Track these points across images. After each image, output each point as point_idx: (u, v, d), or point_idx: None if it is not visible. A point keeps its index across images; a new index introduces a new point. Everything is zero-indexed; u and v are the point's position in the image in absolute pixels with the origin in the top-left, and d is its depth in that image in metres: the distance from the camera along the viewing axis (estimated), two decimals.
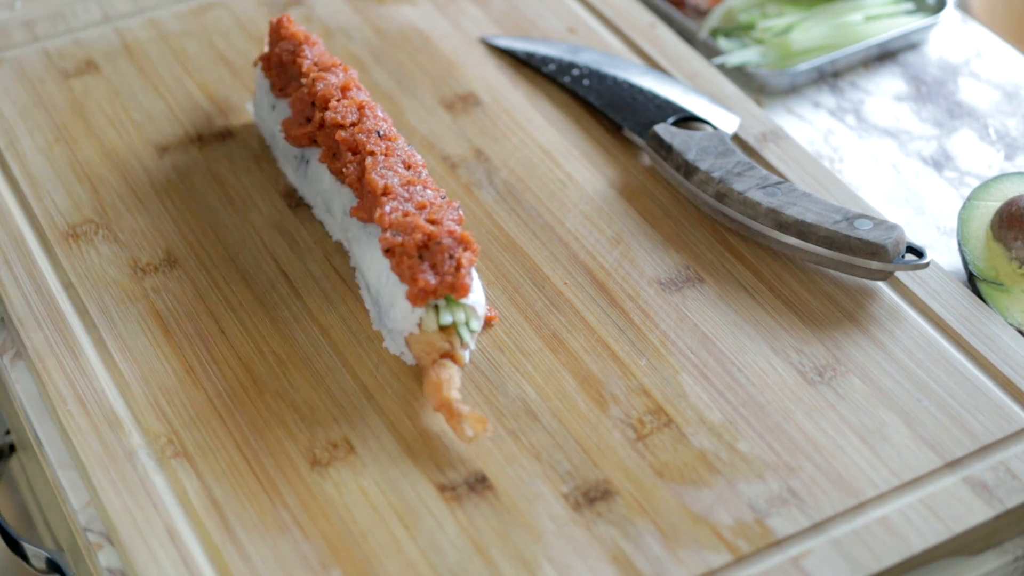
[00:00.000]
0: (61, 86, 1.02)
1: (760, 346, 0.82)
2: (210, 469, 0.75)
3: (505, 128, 0.98)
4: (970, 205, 0.93)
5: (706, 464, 0.75)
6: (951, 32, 1.14)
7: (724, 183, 0.88)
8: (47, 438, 0.80)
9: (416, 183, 0.81)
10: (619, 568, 0.70)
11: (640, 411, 0.78)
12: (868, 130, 1.05)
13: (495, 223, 0.91)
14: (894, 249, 0.84)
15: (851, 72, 1.10)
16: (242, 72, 1.03)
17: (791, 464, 0.75)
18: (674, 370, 0.81)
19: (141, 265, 0.87)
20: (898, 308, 0.85)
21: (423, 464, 0.75)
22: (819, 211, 0.86)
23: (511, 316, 0.84)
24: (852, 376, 0.80)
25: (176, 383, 0.79)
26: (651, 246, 0.89)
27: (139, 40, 1.06)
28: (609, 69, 1.02)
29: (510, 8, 1.11)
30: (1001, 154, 1.03)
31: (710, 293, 0.86)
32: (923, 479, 0.75)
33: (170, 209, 0.91)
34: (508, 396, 0.79)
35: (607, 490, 0.74)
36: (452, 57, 1.05)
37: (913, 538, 0.72)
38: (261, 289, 0.85)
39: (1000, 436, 0.77)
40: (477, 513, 0.73)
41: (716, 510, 0.73)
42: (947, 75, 1.10)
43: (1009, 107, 1.07)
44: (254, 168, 0.95)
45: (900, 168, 1.01)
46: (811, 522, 0.72)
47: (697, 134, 0.93)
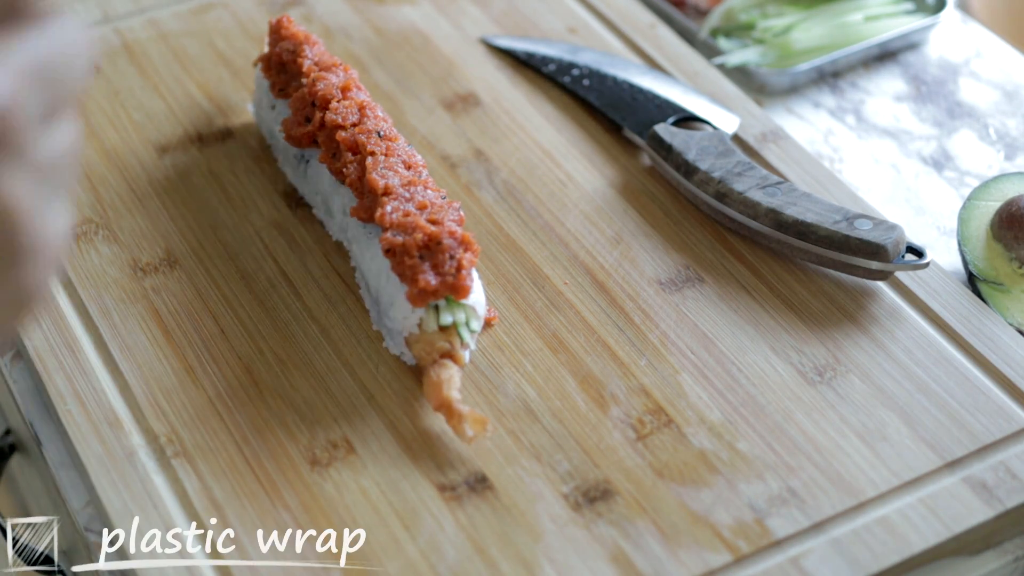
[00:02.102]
0: None
1: (760, 346, 0.82)
2: (210, 469, 0.75)
3: (505, 128, 0.98)
4: (970, 205, 0.93)
5: (706, 464, 0.75)
6: (951, 32, 1.14)
7: (724, 183, 0.88)
8: (47, 438, 0.80)
9: (416, 183, 0.81)
10: (619, 568, 0.70)
11: (640, 411, 0.78)
12: (868, 130, 1.05)
13: (495, 223, 0.91)
14: (894, 249, 0.84)
15: (851, 72, 1.10)
16: (242, 72, 1.03)
17: (791, 464, 0.75)
18: (674, 370, 0.81)
19: (141, 265, 0.87)
20: (898, 308, 0.85)
21: (423, 464, 0.75)
22: (819, 211, 0.86)
23: (511, 316, 0.84)
24: (852, 376, 0.80)
25: (176, 383, 0.79)
26: (651, 246, 0.89)
27: (139, 40, 1.06)
28: (609, 69, 1.02)
29: (510, 8, 1.11)
30: (1001, 154, 1.03)
31: (710, 293, 0.86)
32: (923, 479, 0.75)
33: (170, 209, 0.91)
34: (508, 396, 0.79)
35: (607, 490, 0.74)
36: (452, 57, 1.05)
37: (913, 538, 0.72)
38: (261, 289, 0.85)
39: (1000, 436, 0.77)
40: (477, 513, 0.73)
41: (716, 510, 0.73)
42: (947, 75, 1.10)
43: (1009, 107, 1.07)
44: (254, 168, 0.95)
45: (900, 168, 1.01)
46: (811, 522, 0.72)
47: (697, 134, 0.93)
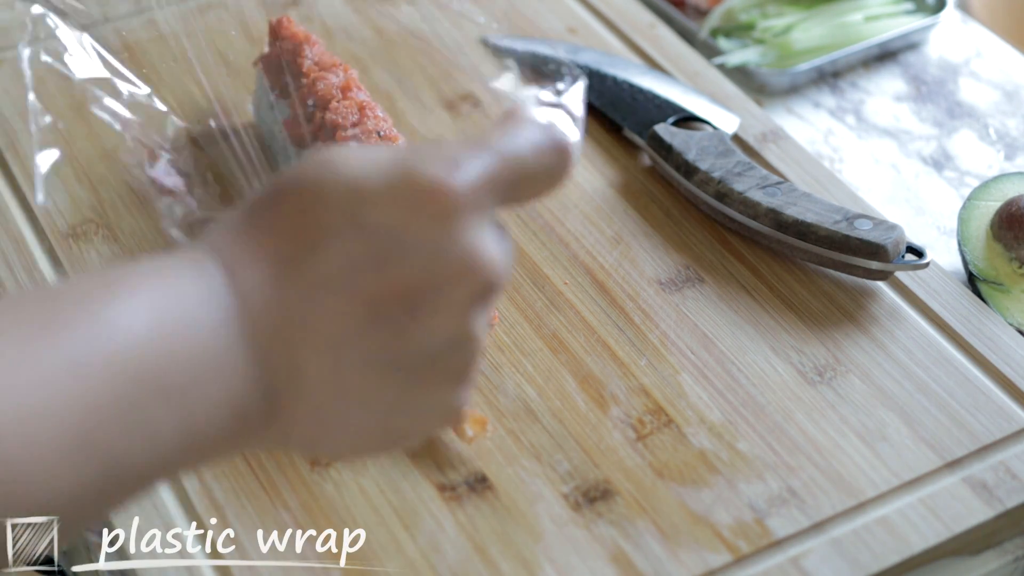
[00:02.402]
0: (61, 86, 1.02)
1: (760, 346, 0.82)
2: (210, 469, 0.75)
3: None
4: (970, 205, 0.93)
5: (706, 464, 0.75)
6: (951, 32, 1.14)
7: (724, 183, 0.88)
8: None
9: None
10: (619, 568, 0.70)
11: (640, 411, 0.78)
12: (868, 130, 1.05)
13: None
14: (894, 249, 0.84)
15: (851, 72, 1.10)
16: (242, 72, 1.03)
17: (791, 464, 0.75)
18: (674, 370, 0.81)
19: None
20: (898, 308, 0.85)
21: (423, 464, 0.75)
22: (819, 211, 0.86)
23: (511, 316, 0.84)
24: (852, 376, 0.80)
25: None
26: (651, 246, 0.89)
27: (139, 40, 1.06)
28: (609, 69, 1.02)
29: (510, 8, 1.11)
30: (1001, 154, 1.03)
31: (710, 293, 0.86)
32: (923, 479, 0.75)
33: None
34: (508, 396, 0.79)
35: (607, 490, 0.74)
36: (452, 57, 1.05)
37: (913, 538, 0.72)
38: None
39: (1000, 436, 0.77)
40: (477, 513, 0.73)
41: (716, 510, 0.73)
42: (947, 75, 1.10)
43: (1009, 107, 1.07)
44: (254, 168, 0.95)
45: (900, 168, 1.01)
46: (811, 522, 0.72)
47: (697, 134, 0.93)
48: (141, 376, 0.50)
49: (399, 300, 0.53)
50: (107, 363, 0.50)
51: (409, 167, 0.53)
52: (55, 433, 0.48)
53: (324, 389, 0.54)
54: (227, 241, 0.54)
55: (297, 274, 0.53)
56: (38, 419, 0.48)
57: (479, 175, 0.54)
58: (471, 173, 0.54)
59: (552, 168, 0.58)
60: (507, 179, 0.56)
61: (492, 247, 0.55)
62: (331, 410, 0.55)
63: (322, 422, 0.55)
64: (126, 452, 0.50)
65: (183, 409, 0.51)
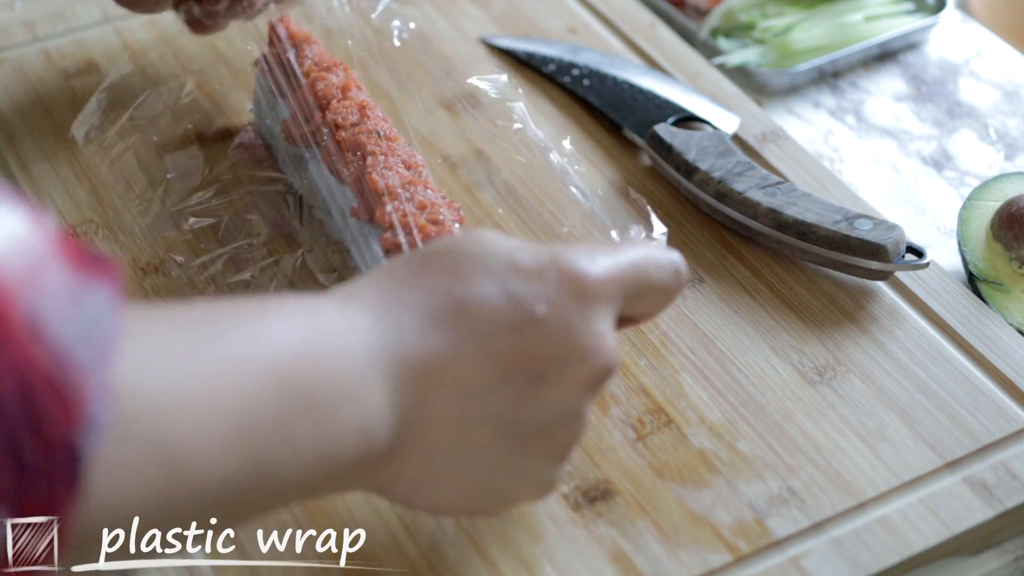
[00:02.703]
0: (61, 86, 1.02)
1: (760, 346, 0.82)
2: None
3: (505, 128, 0.98)
4: (970, 205, 0.93)
5: (706, 464, 0.75)
6: (951, 32, 1.14)
7: (724, 183, 0.88)
8: None
9: (417, 183, 0.81)
10: (619, 568, 0.70)
11: (640, 411, 0.78)
12: (868, 130, 1.05)
13: (495, 223, 0.91)
14: (894, 249, 0.84)
15: (851, 72, 1.10)
16: (242, 72, 1.03)
17: (791, 464, 0.75)
18: (674, 370, 0.81)
19: (141, 265, 0.87)
20: (898, 308, 0.85)
21: None
22: (819, 211, 0.86)
23: None
24: (852, 376, 0.80)
25: None
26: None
27: (139, 40, 1.06)
28: (609, 69, 1.02)
29: (510, 8, 1.11)
30: (1001, 154, 1.03)
31: (710, 293, 0.86)
32: (923, 479, 0.75)
33: (170, 209, 0.91)
34: None
35: (607, 490, 0.74)
36: (452, 57, 1.05)
37: (913, 538, 0.72)
38: (261, 289, 0.85)
39: (1000, 436, 0.77)
40: None
41: (716, 510, 0.73)
42: (947, 75, 1.10)
43: (1009, 107, 1.07)
44: (254, 168, 0.95)
45: (900, 168, 1.01)
46: (811, 522, 0.72)
47: (697, 134, 0.93)
48: (292, 383, 0.54)
49: (529, 364, 0.59)
50: (265, 365, 0.54)
51: (556, 253, 0.61)
52: (213, 420, 0.51)
53: (443, 434, 0.59)
54: (372, 292, 0.59)
55: (446, 326, 0.58)
56: (201, 405, 0.51)
57: (614, 272, 0.62)
58: (608, 269, 0.62)
59: (668, 284, 0.66)
60: (634, 283, 0.63)
61: (613, 339, 0.62)
62: (443, 457, 0.59)
63: (431, 468, 0.60)
64: (270, 458, 0.54)
65: (323, 428, 0.55)
